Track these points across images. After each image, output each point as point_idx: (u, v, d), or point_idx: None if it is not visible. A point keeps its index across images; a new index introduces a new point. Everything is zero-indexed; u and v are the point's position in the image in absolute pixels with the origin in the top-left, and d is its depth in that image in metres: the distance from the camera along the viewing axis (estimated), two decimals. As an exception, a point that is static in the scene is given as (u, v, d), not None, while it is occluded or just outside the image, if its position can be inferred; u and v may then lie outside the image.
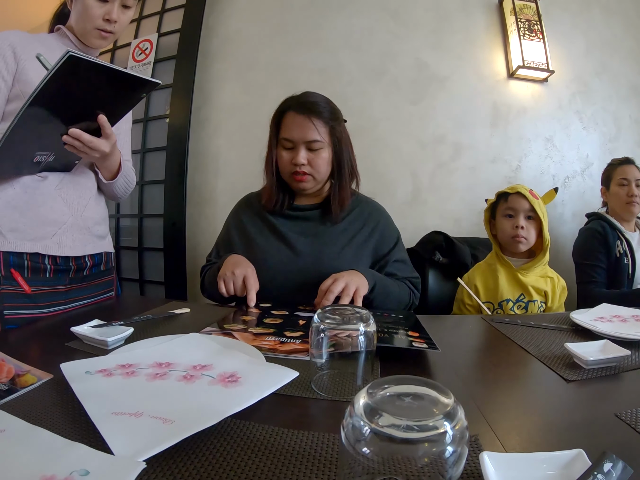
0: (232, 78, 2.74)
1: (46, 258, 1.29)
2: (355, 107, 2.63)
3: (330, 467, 0.52)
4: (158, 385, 0.69)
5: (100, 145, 1.20)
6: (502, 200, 1.77)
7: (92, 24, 1.28)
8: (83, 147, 1.17)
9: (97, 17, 1.27)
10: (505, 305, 1.68)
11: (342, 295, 1.20)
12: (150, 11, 2.92)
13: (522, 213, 1.69)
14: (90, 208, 1.41)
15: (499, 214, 1.77)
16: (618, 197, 2.30)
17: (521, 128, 2.77)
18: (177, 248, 2.62)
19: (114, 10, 1.27)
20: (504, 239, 1.74)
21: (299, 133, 1.41)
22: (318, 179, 1.46)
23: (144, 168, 2.77)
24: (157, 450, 0.50)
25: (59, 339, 0.97)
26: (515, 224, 1.69)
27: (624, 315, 1.25)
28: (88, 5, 1.26)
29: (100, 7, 1.26)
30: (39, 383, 0.72)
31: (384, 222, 1.57)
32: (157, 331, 1.00)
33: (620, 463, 0.48)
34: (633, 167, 2.30)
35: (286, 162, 1.44)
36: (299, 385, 0.75)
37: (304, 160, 1.40)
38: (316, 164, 1.43)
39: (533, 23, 2.75)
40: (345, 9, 2.72)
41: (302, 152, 1.41)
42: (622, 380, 0.84)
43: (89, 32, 1.30)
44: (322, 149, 1.43)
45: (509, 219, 1.73)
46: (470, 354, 1.07)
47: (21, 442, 0.52)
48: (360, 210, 1.55)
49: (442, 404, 0.43)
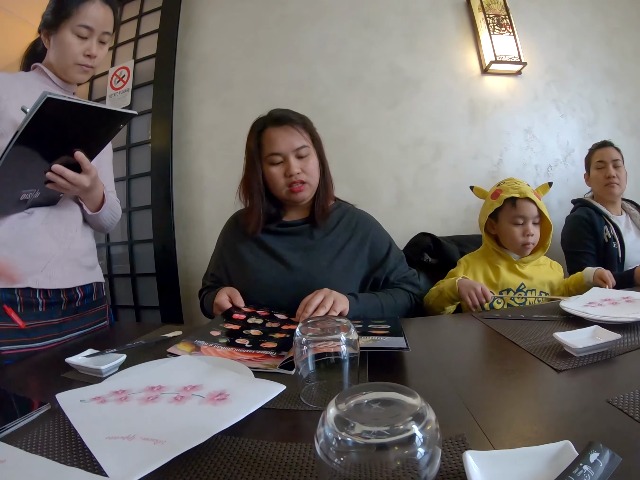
0: (210, 98, 2.76)
1: (37, 292, 1.30)
2: (334, 116, 2.66)
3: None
4: (150, 408, 0.70)
5: (82, 181, 1.22)
6: (509, 205, 1.70)
7: (73, 60, 1.34)
8: (66, 183, 1.19)
9: (78, 54, 1.33)
10: (506, 294, 1.68)
11: (319, 307, 1.21)
12: (126, 38, 2.94)
13: (531, 219, 1.68)
14: (78, 240, 1.42)
15: (506, 219, 1.72)
16: (597, 180, 2.33)
17: (499, 122, 2.79)
18: (169, 272, 2.62)
19: (93, 46, 1.34)
20: (513, 245, 1.72)
21: (286, 144, 1.42)
22: (313, 185, 1.48)
23: (130, 194, 2.78)
24: (148, 470, 0.51)
25: (54, 371, 0.99)
26: (527, 232, 1.67)
27: (615, 298, 1.25)
28: (69, 42, 1.31)
29: (80, 44, 1.33)
30: (38, 413, 0.74)
31: (374, 231, 1.57)
32: (150, 356, 1.02)
33: (608, 452, 0.47)
34: (610, 148, 2.32)
35: (279, 176, 1.44)
36: (288, 399, 0.76)
37: (298, 169, 1.42)
38: (309, 170, 1.45)
39: (502, 17, 2.78)
40: (317, 21, 2.75)
41: (293, 161, 1.42)
42: (614, 365, 0.84)
43: (70, 67, 1.36)
44: (310, 155, 1.45)
45: (518, 226, 1.69)
46: (459, 352, 1.07)
47: (21, 471, 0.55)
48: (348, 220, 1.56)
49: (410, 407, 0.43)
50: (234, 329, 1.15)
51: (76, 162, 1.20)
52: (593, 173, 2.36)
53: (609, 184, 2.26)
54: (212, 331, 1.11)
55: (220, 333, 1.11)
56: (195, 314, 2.55)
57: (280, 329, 1.18)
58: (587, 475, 0.44)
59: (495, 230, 1.78)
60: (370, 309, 1.36)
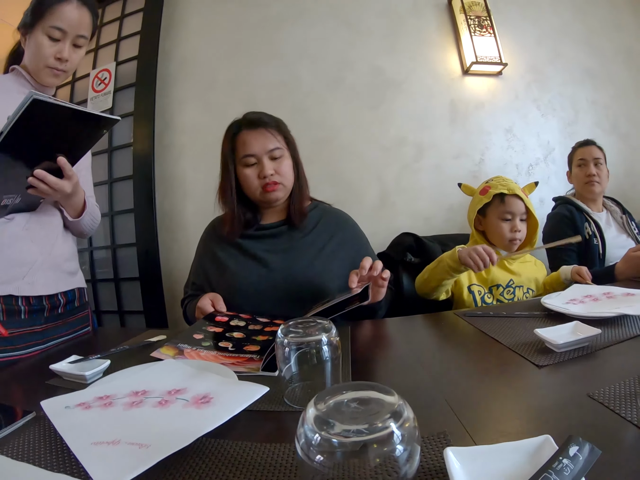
0: (192, 100, 2.74)
1: (20, 299, 1.28)
2: (316, 117, 2.66)
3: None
4: (134, 413, 0.70)
5: (63, 187, 1.21)
6: (498, 201, 1.73)
7: (43, 62, 1.30)
8: (47, 189, 1.18)
9: (48, 56, 1.29)
10: (496, 290, 1.69)
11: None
12: (107, 40, 2.91)
13: (518, 216, 1.70)
14: (59, 245, 1.41)
15: (494, 215, 1.74)
16: (578, 177, 2.36)
17: (481, 122, 2.82)
18: (152, 276, 2.60)
19: (65, 49, 1.30)
20: (501, 241, 1.73)
21: (259, 145, 1.43)
22: (287, 187, 1.49)
23: (113, 198, 2.75)
24: (134, 474, 0.51)
25: (39, 378, 0.98)
26: (514, 228, 1.69)
27: (595, 294, 1.26)
28: (40, 44, 1.28)
29: (51, 46, 1.29)
30: (23, 421, 0.73)
31: (354, 232, 1.59)
32: (135, 361, 1.01)
33: (587, 445, 0.48)
34: (592, 147, 2.35)
35: (253, 178, 1.45)
36: (272, 400, 0.76)
37: (271, 171, 1.43)
38: (283, 172, 1.45)
39: (483, 19, 2.81)
40: (298, 22, 2.75)
41: (267, 163, 1.43)
42: (595, 360, 0.84)
43: (41, 70, 1.32)
44: (284, 156, 1.46)
45: (506, 222, 1.71)
46: (442, 351, 1.08)
47: (7, 479, 0.55)
48: (326, 220, 1.56)
49: (388, 404, 0.44)
50: (217, 332, 1.15)
51: (58, 167, 1.18)
52: (574, 171, 2.39)
53: (589, 182, 2.29)
54: (195, 334, 1.11)
55: (204, 336, 1.11)
56: (180, 317, 2.50)
57: (263, 331, 1.17)
58: (566, 468, 0.44)
59: (483, 226, 1.80)
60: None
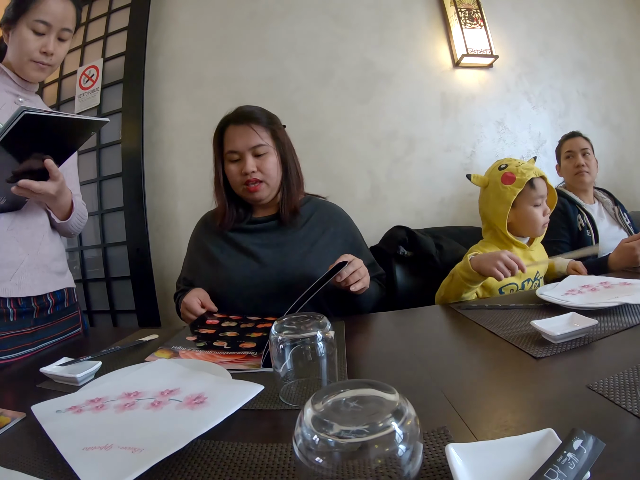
0: (181, 96, 2.71)
1: (7, 302, 1.26)
2: (306, 112, 2.65)
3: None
4: (127, 415, 0.70)
5: (48, 189, 1.20)
6: (528, 188, 1.61)
7: (28, 57, 1.29)
8: (31, 193, 1.17)
9: (33, 50, 1.28)
10: (527, 284, 1.62)
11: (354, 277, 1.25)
12: (94, 36, 2.87)
13: (545, 198, 1.65)
14: (46, 245, 1.39)
15: (527, 202, 1.62)
16: (567, 169, 2.37)
17: (471, 115, 2.82)
18: (144, 274, 2.57)
19: (50, 43, 1.28)
20: (535, 228, 1.65)
21: (242, 142, 1.42)
22: (271, 185, 1.47)
23: (102, 196, 2.71)
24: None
25: (29, 382, 0.97)
26: (546, 211, 1.64)
27: (593, 284, 1.25)
28: (24, 38, 1.26)
29: (36, 40, 1.27)
30: (13, 423, 0.73)
31: (347, 226, 1.58)
32: (127, 361, 1.00)
33: (591, 438, 0.47)
34: (578, 138, 2.37)
35: (236, 174, 1.44)
36: (267, 399, 0.75)
37: (252, 168, 1.41)
38: (266, 169, 1.43)
39: (473, 11, 2.81)
40: (286, 17, 2.72)
41: (249, 159, 1.41)
42: (592, 351, 0.84)
43: (26, 64, 1.30)
44: (268, 153, 1.44)
45: (538, 207, 1.63)
46: (438, 344, 1.07)
47: None
48: (319, 214, 1.55)
49: (389, 403, 0.43)
50: (210, 333, 1.14)
51: (41, 168, 1.17)
52: (563, 163, 2.41)
53: (578, 172, 2.30)
54: (188, 337, 1.11)
55: (197, 338, 1.10)
56: (172, 316, 2.51)
57: (256, 327, 1.17)
58: (571, 462, 0.44)
59: (510, 217, 1.65)
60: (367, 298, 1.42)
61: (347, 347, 0.99)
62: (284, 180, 1.50)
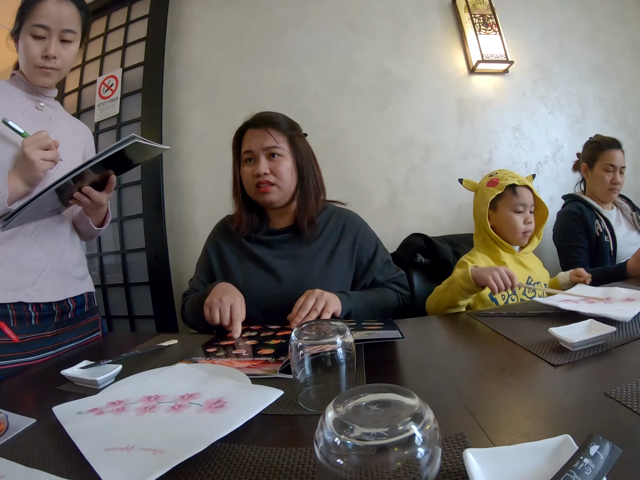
0: (199, 105, 2.76)
1: (30, 305, 1.29)
2: (323, 120, 2.67)
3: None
4: (148, 418, 0.70)
5: (102, 199, 1.26)
6: (510, 193, 1.67)
7: (33, 63, 1.29)
8: (89, 201, 1.23)
9: (36, 55, 1.27)
10: (518, 290, 1.63)
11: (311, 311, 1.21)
12: (113, 47, 2.94)
13: (529, 208, 1.67)
14: (67, 251, 1.42)
15: (507, 207, 1.68)
16: (602, 181, 2.27)
17: (488, 121, 2.80)
18: (162, 280, 2.61)
19: (51, 46, 1.27)
20: (514, 234, 1.68)
21: (257, 143, 1.43)
22: (283, 189, 1.45)
23: (122, 204, 2.77)
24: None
25: (50, 384, 0.97)
26: (527, 220, 1.65)
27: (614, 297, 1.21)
28: (26, 45, 1.27)
29: (37, 44, 1.27)
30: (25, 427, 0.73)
31: (362, 232, 1.55)
32: (146, 366, 1.01)
33: (608, 444, 0.47)
34: (620, 152, 2.27)
35: (249, 175, 1.44)
36: (286, 404, 0.75)
37: (265, 169, 1.41)
38: (279, 172, 1.42)
39: (487, 17, 2.79)
40: (303, 26, 2.76)
41: (262, 161, 1.42)
42: (611, 358, 0.83)
43: (32, 71, 1.31)
44: (283, 157, 1.44)
45: (519, 214, 1.66)
46: (456, 351, 1.07)
47: None
48: (335, 222, 1.54)
49: (409, 407, 0.43)
50: (229, 344, 1.15)
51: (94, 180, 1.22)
52: (598, 172, 2.29)
53: (612, 189, 2.25)
54: (208, 349, 1.11)
55: (217, 349, 1.10)
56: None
57: (275, 335, 1.17)
58: (588, 468, 0.44)
59: (493, 220, 1.72)
60: (362, 306, 1.37)
61: (365, 353, 0.99)
62: (299, 188, 1.49)
